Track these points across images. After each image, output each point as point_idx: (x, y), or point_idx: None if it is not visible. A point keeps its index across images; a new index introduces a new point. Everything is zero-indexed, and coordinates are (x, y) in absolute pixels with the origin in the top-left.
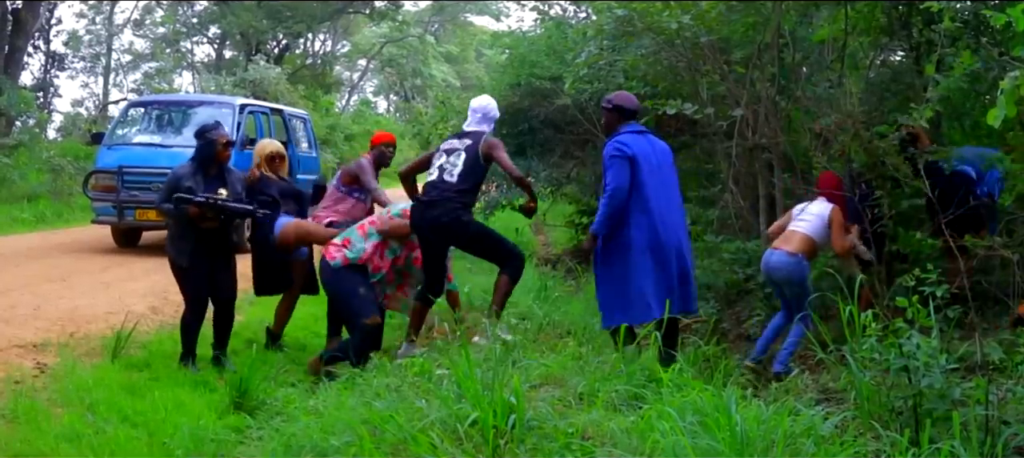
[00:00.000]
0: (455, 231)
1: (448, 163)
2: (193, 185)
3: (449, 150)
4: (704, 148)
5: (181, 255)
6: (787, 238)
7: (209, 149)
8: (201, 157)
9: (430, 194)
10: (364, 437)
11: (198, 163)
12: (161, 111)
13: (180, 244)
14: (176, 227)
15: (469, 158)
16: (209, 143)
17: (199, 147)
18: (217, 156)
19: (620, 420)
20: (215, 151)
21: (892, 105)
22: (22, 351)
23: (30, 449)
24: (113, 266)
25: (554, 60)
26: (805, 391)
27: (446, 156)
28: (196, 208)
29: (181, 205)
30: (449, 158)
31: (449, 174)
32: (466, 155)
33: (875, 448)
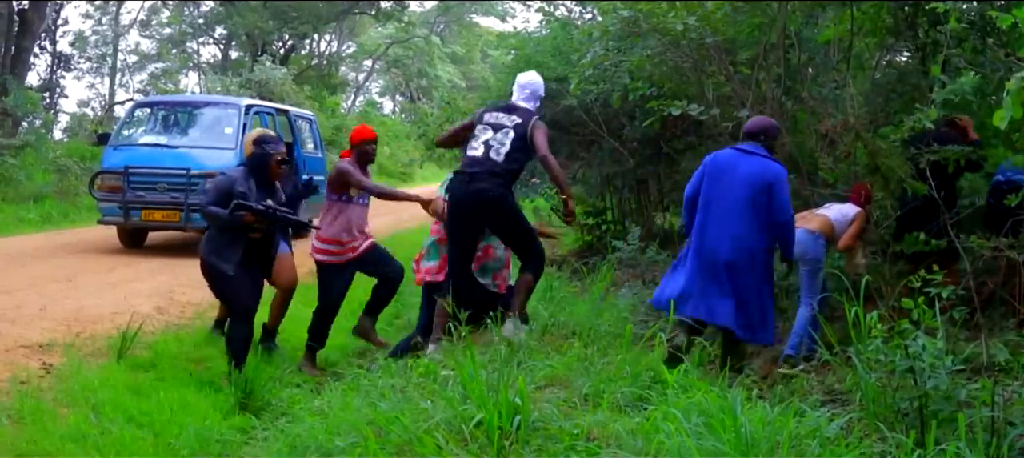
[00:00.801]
0: (498, 210)
1: (495, 140)
2: (246, 191)
3: (495, 126)
4: (709, 149)
5: (227, 263)
6: (807, 219)
7: (264, 160)
8: (254, 165)
9: (474, 168)
10: (369, 438)
11: (250, 170)
12: (167, 112)
13: (227, 252)
14: (223, 234)
15: (517, 138)
16: (265, 155)
17: (256, 155)
18: (271, 170)
19: (625, 421)
20: (269, 164)
21: (898, 106)
22: (28, 351)
23: (36, 449)
24: (119, 266)
25: (560, 61)
26: (810, 392)
27: (492, 132)
28: (253, 216)
29: (238, 211)
30: (496, 135)
31: (496, 152)
32: (515, 134)
33: (881, 449)
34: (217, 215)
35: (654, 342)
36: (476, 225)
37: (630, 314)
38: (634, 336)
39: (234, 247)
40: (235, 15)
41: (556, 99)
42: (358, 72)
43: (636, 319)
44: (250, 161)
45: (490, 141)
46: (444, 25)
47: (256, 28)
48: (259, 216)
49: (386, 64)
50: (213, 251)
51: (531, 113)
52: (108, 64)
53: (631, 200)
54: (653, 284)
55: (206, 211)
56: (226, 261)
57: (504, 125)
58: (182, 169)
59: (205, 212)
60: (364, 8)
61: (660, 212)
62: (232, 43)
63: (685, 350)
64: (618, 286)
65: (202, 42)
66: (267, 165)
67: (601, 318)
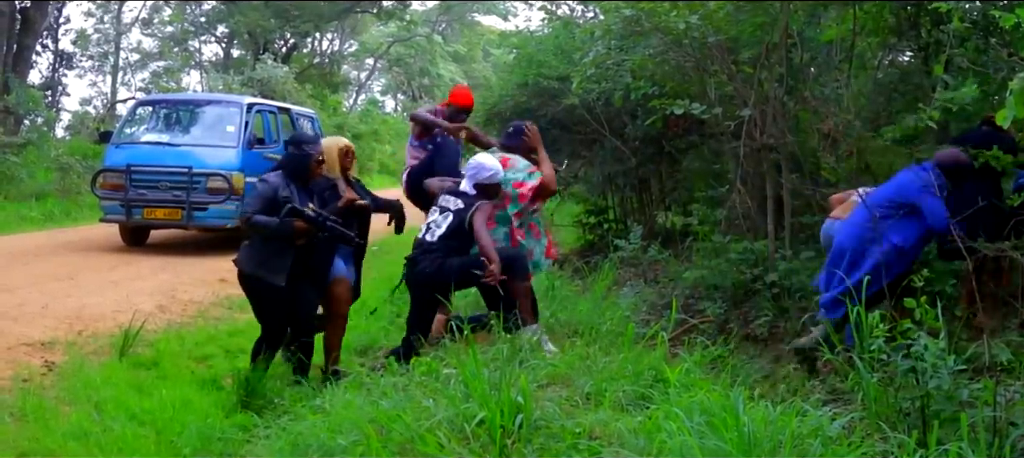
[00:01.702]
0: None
1: (434, 222)
2: (289, 196)
3: (442, 208)
4: (712, 148)
5: (276, 273)
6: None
7: (303, 162)
8: (292, 168)
9: (415, 251)
10: (371, 436)
11: (288, 174)
12: (169, 110)
13: (275, 261)
14: (271, 243)
15: (455, 223)
16: (304, 155)
17: (292, 157)
18: (310, 171)
19: (627, 420)
20: (309, 165)
21: (900, 106)
22: (30, 349)
23: (38, 447)
24: (121, 265)
25: (561, 60)
26: (812, 392)
27: (439, 212)
28: (304, 224)
29: (289, 218)
30: (438, 216)
31: (431, 233)
32: (453, 220)
33: (883, 449)
34: (266, 224)
35: (656, 341)
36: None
37: (632, 313)
38: (636, 335)
39: (283, 256)
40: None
41: (558, 98)
42: (360, 70)
43: (638, 318)
44: (287, 164)
45: (432, 223)
46: (446, 24)
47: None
48: (310, 224)
49: (388, 63)
50: (258, 262)
51: (473, 199)
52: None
53: (633, 199)
54: (655, 283)
55: (253, 222)
56: (276, 271)
57: (448, 209)
58: (184, 167)
59: (252, 223)
60: (366, 7)
61: (662, 211)
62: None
63: None
64: (620, 285)
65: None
66: (307, 167)
67: (603, 317)
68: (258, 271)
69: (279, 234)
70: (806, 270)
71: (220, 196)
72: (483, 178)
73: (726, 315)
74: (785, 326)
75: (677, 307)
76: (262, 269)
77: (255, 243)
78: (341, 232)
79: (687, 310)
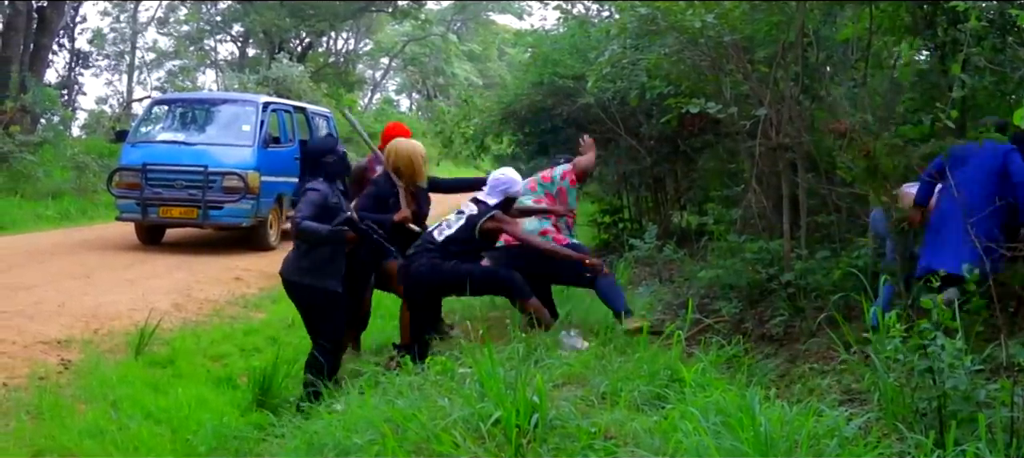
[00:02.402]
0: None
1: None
2: (338, 202)
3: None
4: (727, 147)
5: (332, 279)
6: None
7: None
8: (333, 172)
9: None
10: (387, 435)
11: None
12: (185, 109)
13: (330, 268)
14: (319, 250)
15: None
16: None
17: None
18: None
19: (643, 420)
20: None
21: (916, 105)
22: (46, 347)
23: (54, 445)
24: (137, 263)
25: (577, 58)
26: (828, 392)
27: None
28: (355, 234)
29: (342, 228)
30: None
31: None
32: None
33: (899, 449)
34: (317, 231)
35: (671, 341)
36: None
37: (647, 312)
38: (651, 334)
39: (336, 261)
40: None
41: (573, 97)
42: (375, 70)
43: (653, 317)
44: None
45: (444, 223)
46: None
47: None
48: (360, 234)
49: (403, 62)
50: (312, 271)
51: (488, 207)
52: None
53: (648, 198)
54: (670, 282)
55: (306, 227)
56: (331, 277)
57: (463, 212)
58: (200, 166)
59: (304, 228)
60: (381, 6)
61: (677, 210)
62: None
63: None
64: (635, 284)
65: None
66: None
67: None
68: (308, 279)
69: (330, 241)
70: (822, 270)
71: (235, 195)
72: (507, 189)
73: (741, 315)
74: (800, 326)
75: (693, 307)
76: (312, 277)
77: (301, 251)
78: (383, 246)
79: (702, 310)
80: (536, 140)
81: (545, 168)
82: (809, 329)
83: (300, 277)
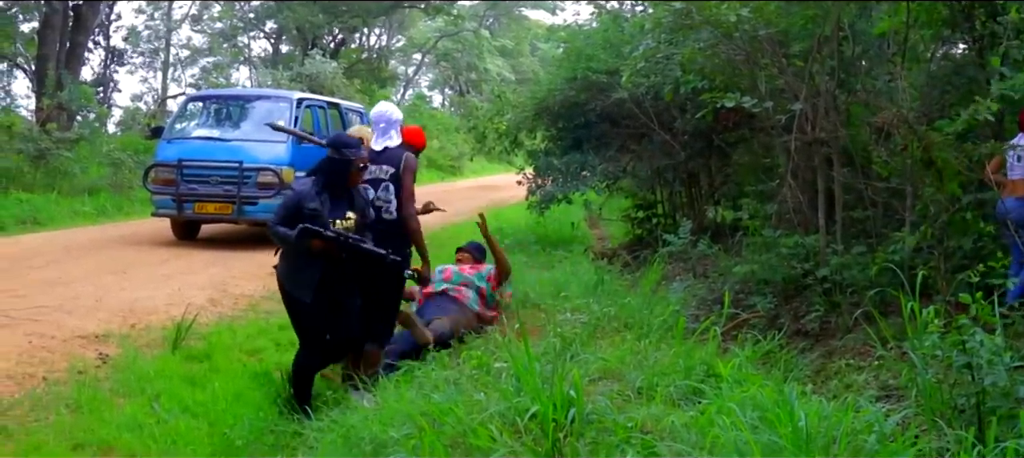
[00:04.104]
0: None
1: (380, 198)
2: (318, 207)
3: (375, 181)
4: (762, 142)
5: (302, 289)
6: (1014, 187)
7: (343, 168)
8: (329, 173)
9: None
10: (425, 429)
11: (324, 181)
12: (219, 105)
13: (301, 276)
14: (296, 255)
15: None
16: (344, 162)
17: (331, 161)
18: (350, 178)
19: (680, 415)
20: (349, 172)
21: (954, 99)
22: (84, 342)
23: (93, 438)
24: (172, 258)
25: (610, 53)
26: (865, 388)
27: (374, 190)
28: (321, 243)
29: (305, 237)
30: (378, 192)
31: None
32: (394, 186)
33: (938, 446)
34: (284, 236)
35: (706, 336)
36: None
37: (682, 307)
38: (686, 329)
39: (308, 270)
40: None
41: (606, 92)
42: (408, 65)
43: (688, 313)
44: (324, 169)
45: (376, 200)
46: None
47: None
48: (329, 243)
49: (435, 57)
50: (288, 273)
51: (399, 153)
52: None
53: (682, 193)
54: (705, 277)
55: (273, 231)
56: (301, 286)
57: (381, 179)
58: (235, 162)
59: (272, 232)
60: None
61: (711, 205)
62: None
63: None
64: (669, 280)
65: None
66: (346, 173)
67: (653, 311)
68: (286, 283)
69: (295, 248)
70: (858, 265)
71: (270, 191)
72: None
73: (776, 310)
74: (836, 321)
75: (728, 301)
76: (289, 281)
77: (285, 253)
78: (367, 250)
79: (737, 305)
80: (569, 135)
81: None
82: (845, 325)
83: (282, 278)
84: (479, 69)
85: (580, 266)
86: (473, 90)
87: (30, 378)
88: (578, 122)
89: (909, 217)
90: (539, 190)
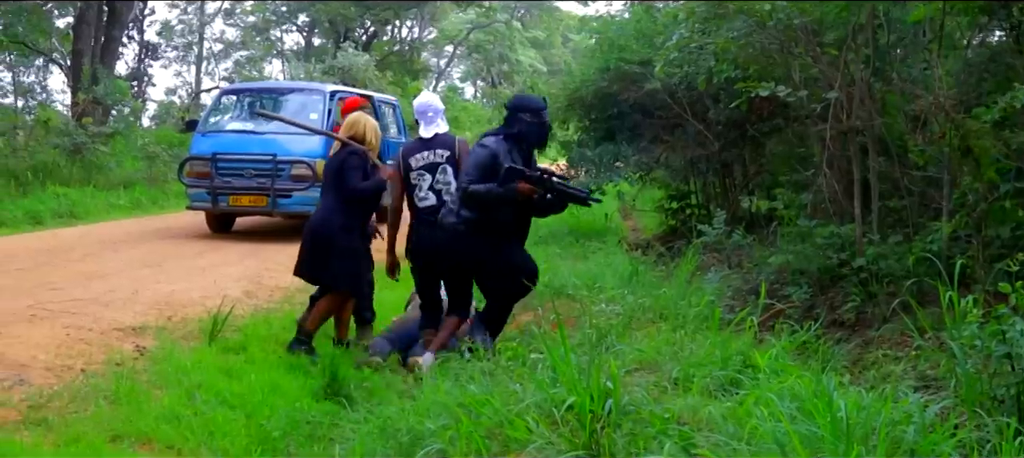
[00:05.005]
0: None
1: (440, 182)
2: (514, 165)
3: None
4: (796, 131)
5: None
6: None
7: (542, 131)
8: (527, 135)
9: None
10: (462, 420)
11: (514, 142)
12: (253, 98)
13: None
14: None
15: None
16: (544, 124)
17: (530, 124)
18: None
19: (717, 405)
20: (546, 133)
21: (991, 86)
22: (121, 334)
23: (131, 429)
24: (208, 251)
25: (643, 44)
26: (903, 378)
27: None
28: (527, 185)
29: (512, 177)
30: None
31: (449, 193)
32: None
33: (979, 437)
34: (487, 192)
35: (742, 326)
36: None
37: (717, 298)
38: (722, 320)
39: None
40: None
41: (639, 82)
42: (439, 57)
43: (723, 303)
44: (521, 131)
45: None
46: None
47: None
48: (536, 184)
49: (467, 49)
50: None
51: (450, 137)
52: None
53: (715, 184)
54: (740, 268)
55: (473, 191)
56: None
57: (438, 162)
58: (269, 155)
59: (472, 192)
60: None
61: (745, 196)
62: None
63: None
64: (703, 270)
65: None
66: (544, 136)
67: (688, 302)
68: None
69: (503, 200)
70: (895, 254)
71: (304, 183)
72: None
73: (812, 300)
74: (873, 311)
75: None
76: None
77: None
78: (572, 191)
79: (772, 295)
80: (602, 126)
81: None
82: (882, 315)
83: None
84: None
85: (614, 257)
86: (505, 82)
87: (69, 370)
88: (611, 113)
89: (946, 206)
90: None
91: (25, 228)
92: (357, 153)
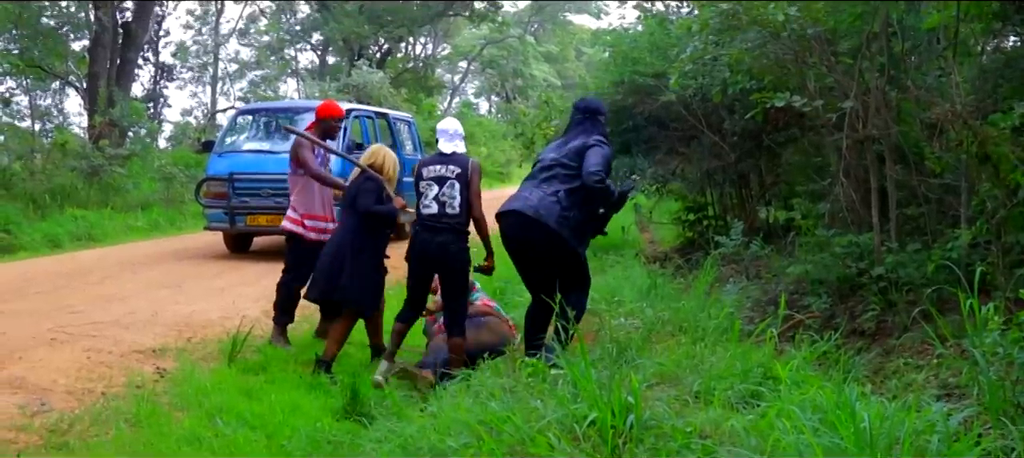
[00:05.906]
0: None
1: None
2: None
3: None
4: (812, 141)
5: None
6: None
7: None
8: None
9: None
10: (483, 437)
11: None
12: (268, 118)
13: (587, 228)
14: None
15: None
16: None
17: (606, 125)
18: None
19: (739, 418)
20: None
21: (1007, 92)
22: (141, 356)
23: (153, 451)
24: (226, 272)
25: (657, 56)
26: (925, 387)
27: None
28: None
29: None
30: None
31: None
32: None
33: (1003, 445)
34: (615, 192)
35: (763, 337)
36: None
37: (736, 309)
38: (742, 332)
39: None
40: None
41: (654, 95)
42: (453, 74)
43: (742, 315)
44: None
45: (440, 196)
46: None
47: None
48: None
49: (481, 65)
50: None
51: (466, 158)
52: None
53: (732, 195)
54: (758, 279)
55: (612, 189)
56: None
57: (447, 177)
58: (285, 174)
59: (611, 190)
60: (458, 9)
61: (762, 206)
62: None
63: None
64: (722, 282)
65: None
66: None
67: (707, 314)
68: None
69: (617, 205)
70: (914, 262)
71: None
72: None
73: (832, 310)
74: (893, 320)
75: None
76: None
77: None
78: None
79: (791, 305)
80: (618, 139)
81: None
82: (903, 323)
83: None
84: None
85: (632, 270)
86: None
87: (89, 393)
88: (626, 126)
89: (965, 212)
90: None
91: (44, 251)
92: (373, 179)
